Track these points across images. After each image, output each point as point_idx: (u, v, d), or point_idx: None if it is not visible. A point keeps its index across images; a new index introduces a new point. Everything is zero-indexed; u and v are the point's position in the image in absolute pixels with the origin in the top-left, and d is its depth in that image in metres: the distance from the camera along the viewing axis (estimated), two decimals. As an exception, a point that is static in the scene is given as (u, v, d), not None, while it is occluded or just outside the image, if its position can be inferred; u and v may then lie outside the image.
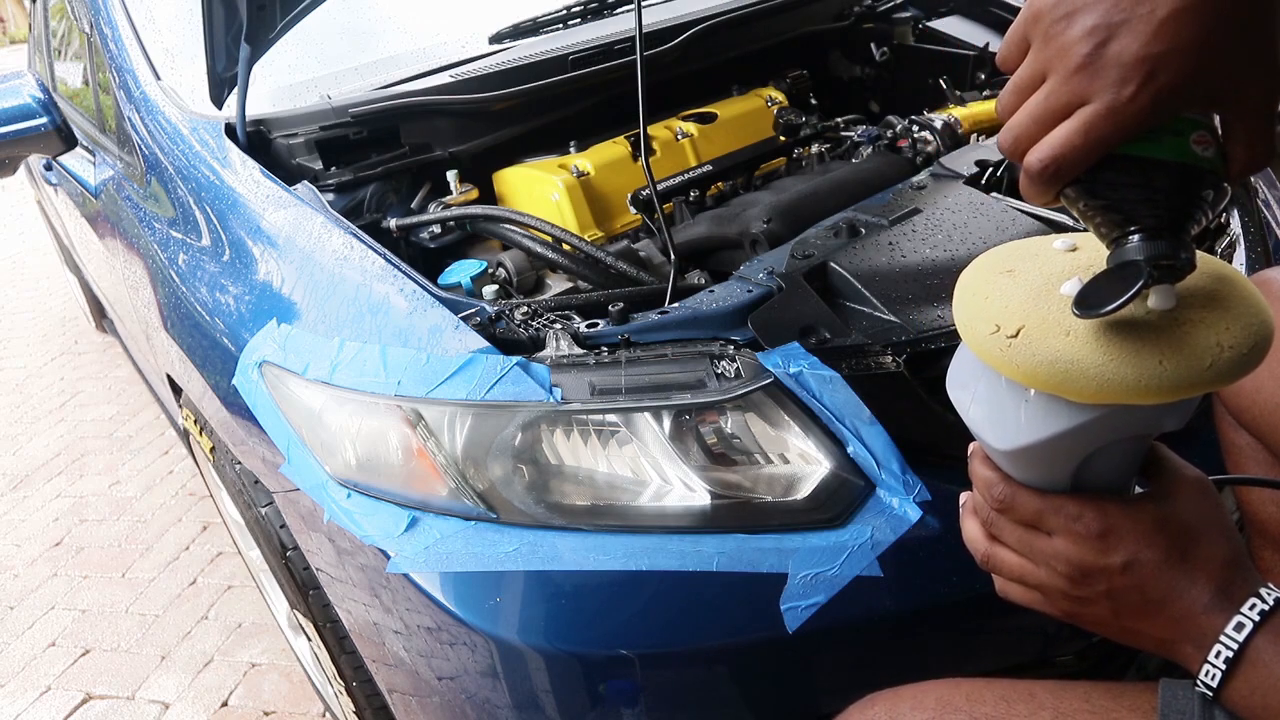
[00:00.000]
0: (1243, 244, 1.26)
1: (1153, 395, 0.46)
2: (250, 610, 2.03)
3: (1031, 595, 0.57)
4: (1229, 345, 0.45)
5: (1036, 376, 0.48)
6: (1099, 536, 0.52)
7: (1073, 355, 0.47)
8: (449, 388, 0.91)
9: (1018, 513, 0.55)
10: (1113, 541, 0.52)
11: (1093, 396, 0.47)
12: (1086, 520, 0.52)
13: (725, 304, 0.95)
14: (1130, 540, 0.52)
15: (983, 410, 0.55)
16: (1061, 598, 0.55)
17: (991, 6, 1.77)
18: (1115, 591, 0.53)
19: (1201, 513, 0.53)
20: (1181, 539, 0.52)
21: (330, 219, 1.13)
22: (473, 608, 0.88)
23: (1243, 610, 0.50)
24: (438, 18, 1.74)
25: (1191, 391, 0.46)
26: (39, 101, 1.69)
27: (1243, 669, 0.49)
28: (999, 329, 0.49)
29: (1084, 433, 0.50)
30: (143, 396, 3.15)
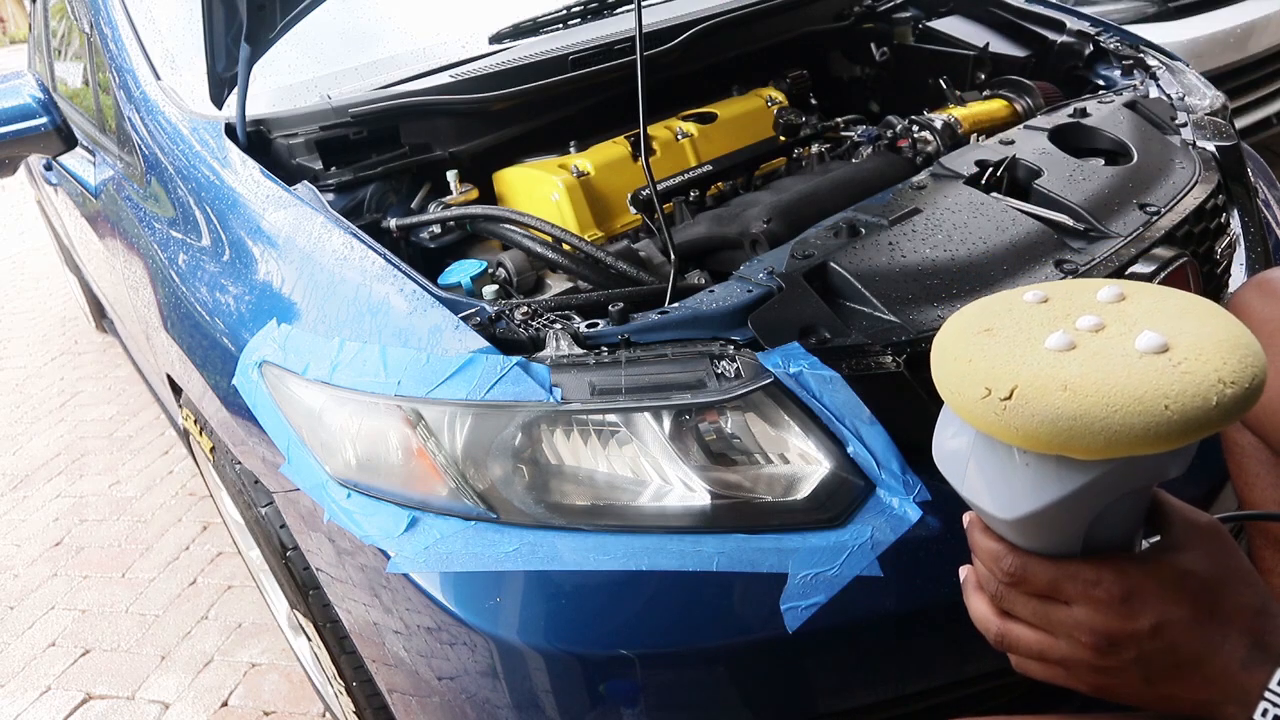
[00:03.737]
0: (1243, 244, 1.26)
1: (1162, 443, 0.44)
2: (250, 610, 2.03)
3: (1054, 671, 0.54)
4: (1230, 381, 0.45)
5: (1039, 438, 0.46)
6: (1122, 601, 0.49)
7: (1075, 411, 0.45)
8: (449, 388, 0.91)
9: (1030, 584, 0.52)
10: (1137, 605, 0.49)
11: (1100, 452, 0.45)
12: (1106, 585, 0.50)
13: (725, 304, 0.95)
14: (1155, 601, 0.49)
15: (980, 479, 0.52)
16: (1088, 671, 0.52)
17: (991, 6, 1.77)
18: (1145, 657, 0.50)
19: (1221, 561, 0.51)
20: (1208, 593, 0.50)
21: (330, 219, 1.13)
22: (473, 608, 0.88)
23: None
24: (438, 18, 1.74)
25: (1200, 434, 0.44)
26: (39, 101, 1.69)
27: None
28: (990, 392, 0.47)
29: (1092, 491, 0.48)
30: (143, 396, 3.15)
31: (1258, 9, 2.77)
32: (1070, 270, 1.00)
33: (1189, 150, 1.29)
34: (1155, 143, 1.28)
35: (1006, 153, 1.21)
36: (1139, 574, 0.50)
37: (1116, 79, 1.58)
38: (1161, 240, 1.06)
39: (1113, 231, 1.07)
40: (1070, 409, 0.45)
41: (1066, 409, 0.45)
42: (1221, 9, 2.78)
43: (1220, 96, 1.47)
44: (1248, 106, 2.85)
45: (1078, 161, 1.21)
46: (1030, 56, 1.66)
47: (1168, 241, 1.07)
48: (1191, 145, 1.31)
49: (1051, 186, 1.14)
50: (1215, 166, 1.26)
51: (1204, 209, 1.16)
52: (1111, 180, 1.17)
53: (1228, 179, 1.29)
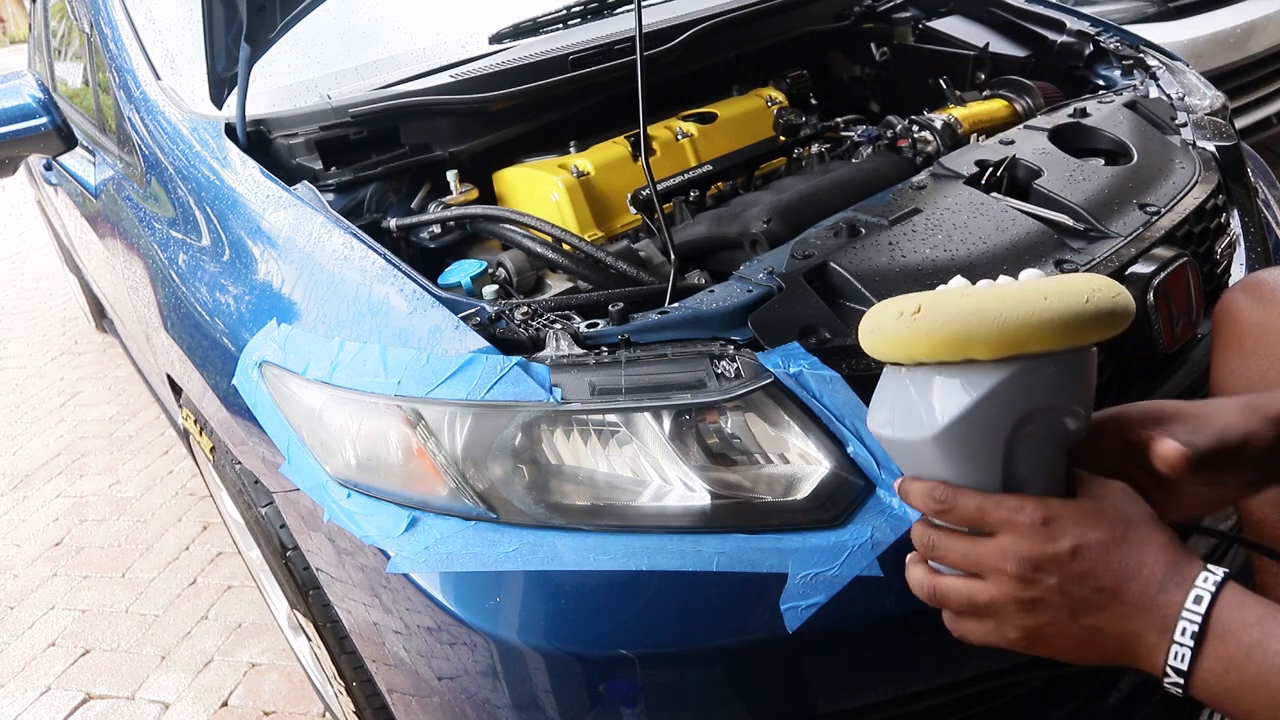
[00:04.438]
0: (1243, 244, 1.27)
1: (1046, 334, 0.52)
2: (250, 610, 2.03)
3: (985, 626, 0.57)
4: (1098, 289, 0.54)
5: (944, 339, 0.53)
6: (1042, 523, 0.53)
7: (972, 308, 0.53)
8: (449, 388, 0.91)
9: (959, 512, 0.56)
10: (1056, 528, 0.53)
11: (995, 345, 0.53)
12: (1028, 509, 0.54)
13: (725, 304, 0.95)
14: (1073, 524, 0.53)
15: (901, 418, 0.58)
16: (1017, 611, 0.54)
17: (991, 6, 1.77)
18: (1067, 583, 0.53)
19: (1133, 505, 0.55)
20: (1122, 522, 0.53)
21: (330, 219, 1.13)
22: (473, 608, 0.88)
23: (1197, 583, 0.50)
24: (438, 18, 1.74)
25: (1078, 333, 0.53)
26: (39, 101, 1.68)
27: (1210, 644, 0.49)
28: (901, 313, 0.56)
29: (997, 398, 0.54)
30: (143, 396, 3.15)
31: (1258, 9, 2.77)
32: (1070, 270, 1.00)
33: (1189, 150, 1.29)
34: (1155, 143, 1.28)
35: (1006, 153, 1.21)
36: (1057, 504, 0.54)
37: (1116, 79, 1.58)
38: (1161, 240, 1.06)
39: (1113, 231, 1.07)
40: (967, 307, 0.53)
41: (965, 307, 0.54)
42: (1221, 9, 2.78)
43: (1220, 96, 1.47)
44: (1248, 106, 2.85)
45: (1078, 161, 1.21)
46: (1030, 56, 1.66)
47: (1168, 241, 1.07)
48: (1191, 145, 1.31)
49: (1051, 186, 1.14)
50: (1215, 166, 1.26)
51: (1204, 209, 1.16)
52: (1111, 180, 1.17)
53: (1228, 179, 1.29)
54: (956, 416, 0.55)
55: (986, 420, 0.55)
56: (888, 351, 0.58)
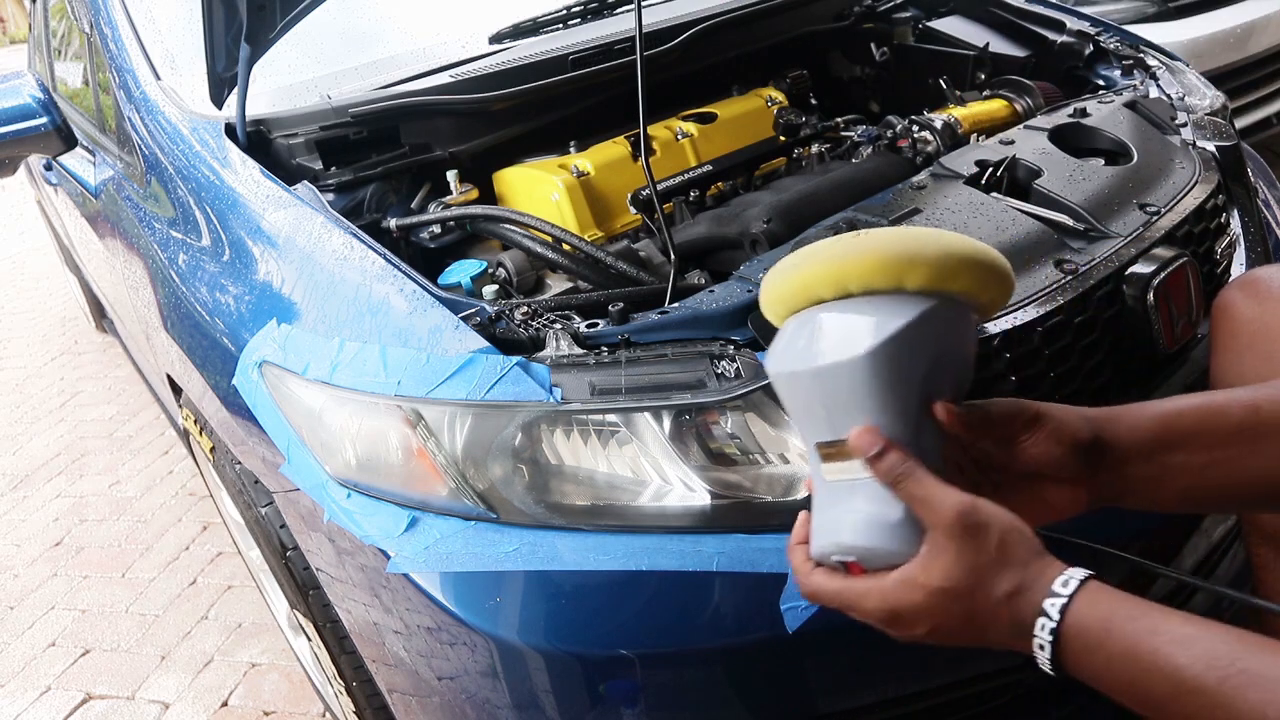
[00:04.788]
0: (1243, 244, 1.26)
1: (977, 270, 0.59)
2: (250, 610, 2.03)
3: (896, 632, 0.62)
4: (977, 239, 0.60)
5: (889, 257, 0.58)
6: (892, 619, 0.58)
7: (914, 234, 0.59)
8: (449, 388, 0.91)
9: (822, 600, 0.62)
10: (906, 620, 0.58)
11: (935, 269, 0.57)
12: (874, 612, 0.59)
13: (725, 304, 0.95)
14: (921, 615, 0.57)
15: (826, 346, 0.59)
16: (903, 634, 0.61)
17: (991, 6, 1.77)
18: (941, 640, 0.58)
19: (974, 559, 0.56)
20: (967, 597, 0.56)
21: (330, 219, 1.13)
22: (473, 608, 0.88)
23: (1036, 634, 0.55)
24: (438, 18, 1.74)
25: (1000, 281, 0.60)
26: (39, 101, 1.68)
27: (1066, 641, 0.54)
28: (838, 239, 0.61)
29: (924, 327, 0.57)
30: (143, 396, 3.15)
31: (1258, 9, 2.77)
32: (1070, 270, 1.00)
33: (1189, 150, 1.29)
34: (1155, 143, 1.28)
35: (1006, 153, 1.21)
36: (898, 601, 0.58)
37: (1116, 79, 1.58)
38: (1161, 240, 1.06)
39: (1113, 231, 1.07)
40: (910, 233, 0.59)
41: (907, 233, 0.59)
42: (1221, 9, 2.78)
43: (1220, 96, 1.47)
44: (1248, 106, 2.85)
45: (1078, 161, 1.21)
46: (1030, 56, 1.66)
47: (1168, 241, 1.07)
48: (1191, 145, 1.31)
49: (1051, 186, 1.14)
50: (1215, 166, 1.26)
51: (1204, 209, 1.16)
52: (1111, 180, 1.17)
53: (1228, 179, 1.29)
54: (891, 334, 0.56)
55: (913, 348, 0.57)
56: (812, 283, 0.60)
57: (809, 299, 0.62)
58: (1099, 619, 0.54)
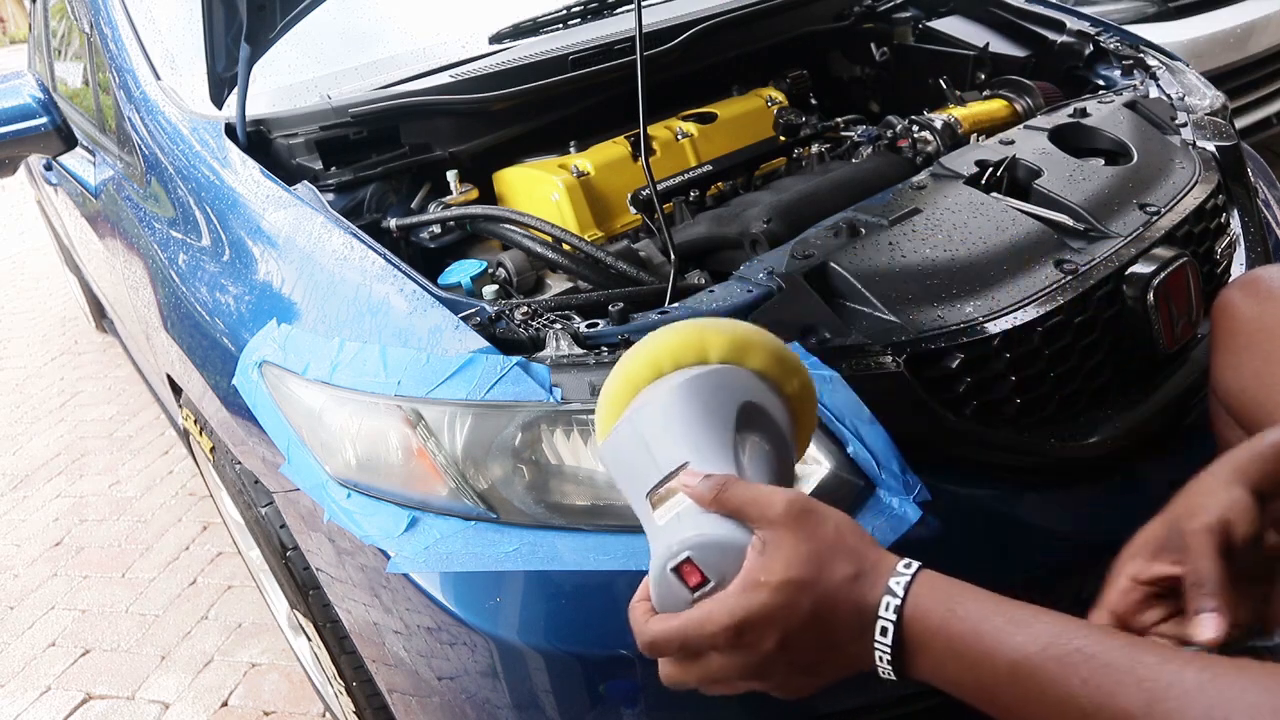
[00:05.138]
0: (1243, 244, 1.26)
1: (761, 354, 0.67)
2: (250, 610, 2.03)
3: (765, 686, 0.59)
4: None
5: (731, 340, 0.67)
6: (739, 635, 0.55)
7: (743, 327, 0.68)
8: (449, 388, 0.91)
9: (664, 646, 0.58)
10: (752, 635, 0.55)
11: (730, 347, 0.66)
12: (718, 636, 0.55)
13: (725, 304, 0.95)
14: (767, 626, 0.55)
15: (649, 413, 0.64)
16: (762, 686, 0.58)
17: (991, 6, 1.77)
18: (790, 660, 0.56)
19: (810, 549, 0.55)
20: (809, 590, 0.55)
21: (330, 219, 1.13)
22: (473, 608, 0.88)
23: (881, 616, 0.54)
24: (438, 18, 1.74)
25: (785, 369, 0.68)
26: (39, 101, 1.69)
27: (910, 647, 0.54)
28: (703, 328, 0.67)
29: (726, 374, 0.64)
30: (143, 396, 3.15)
31: (1258, 9, 2.77)
32: (1070, 270, 1.00)
33: (1189, 150, 1.29)
34: (1155, 143, 1.28)
35: (1006, 153, 1.21)
36: (742, 610, 0.55)
37: (1116, 79, 1.58)
38: (1161, 240, 1.06)
39: (1113, 231, 1.07)
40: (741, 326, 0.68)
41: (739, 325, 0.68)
42: (1221, 9, 2.78)
43: (1220, 96, 1.47)
44: (1248, 106, 2.85)
45: (1078, 161, 1.21)
46: (1030, 56, 1.66)
47: (1168, 241, 1.07)
48: (1191, 145, 1.31)
49: (1051, 186, 1.14)
50: (1215, 166, 1.26)
51: (1204, 209, 1.16)
52: (1111, 180, 1.17)
53: (1228, 179, 1.29)
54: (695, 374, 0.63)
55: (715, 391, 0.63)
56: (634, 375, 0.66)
57: (634, 390, 0.66)
58: (939, 601, 0.54)
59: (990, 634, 0.52)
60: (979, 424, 0.94)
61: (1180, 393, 1.03)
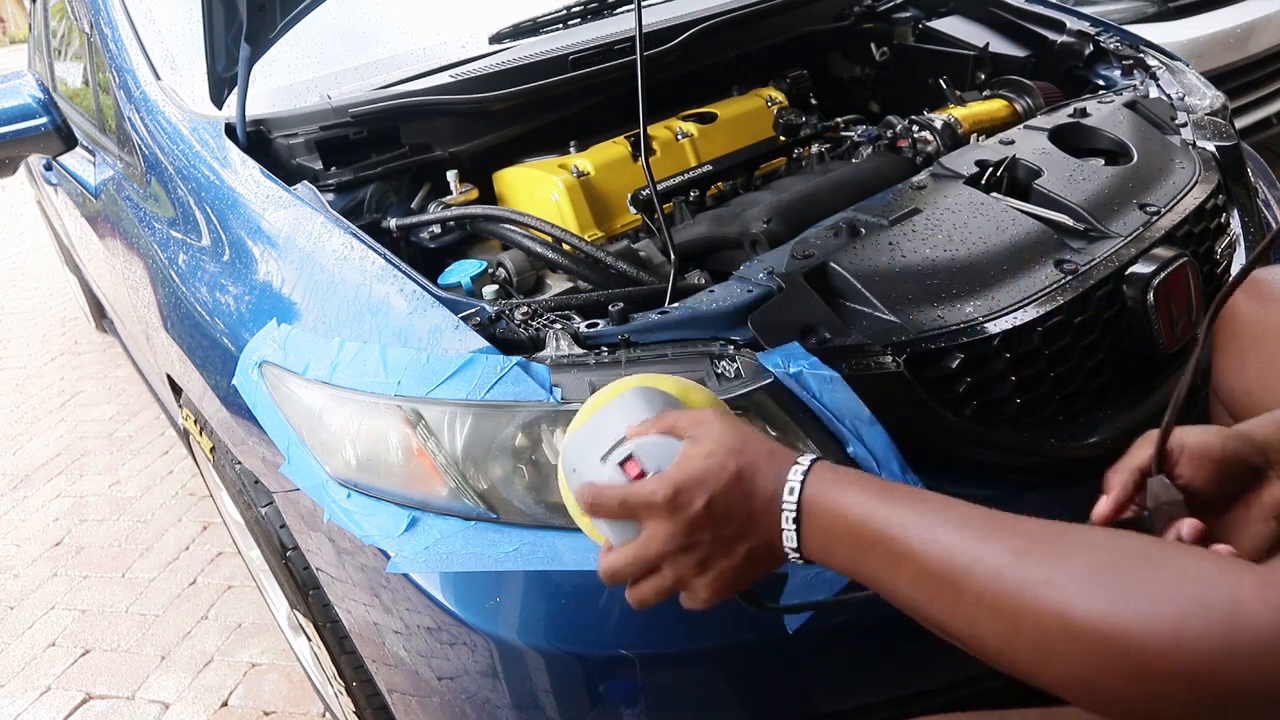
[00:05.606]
0: (1243, 244, 1.27)
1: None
2: (250, 610, 2.03)
3: (688, 598, 0.65)
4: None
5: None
6: (675, 495, 0.61)
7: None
8: (449, 388, 0.91)
9: (606, 505, 0.64)
10: (685, 495, 0.61)
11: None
12: (659, 490, 0.62)
13: (725, 304, 0.95)
14: (697, 484, 0.61)
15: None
16: (694, 577, 0.63)
17: (991, 6, 1.77)
18: (716, 531, 0.62)
19: (728, 432, 0.64)
20: (731, 459, 0.62)
21: (330, 219, 1.13)
22: (473, 608, 0.88)
23: (789, 478, 0.62)
24: (438, 18, 1.74)
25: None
26: (39, 101, 1.68)
27: (807, 522, 0.60)
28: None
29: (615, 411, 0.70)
30: (143, 396, 3.15)
31: (1258, 9, 2.77)
32: (1070, 270, 1.00)
33: (1189, 150, 1.29)
34: (1155, 143, 1.28)
35: (1006, 153, 1.21)
36: (676, 474, 0.62)
37: (1116, 79, 1.58)
38: (1161, 240, 1.06)
39: (1113, 231, 1.07)
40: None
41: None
42: (1221, 9, 2.78)
43: (1220, 96, 1.47)
44: (1248, 106, 2.85)
45: (1078, 161, 1.21)
46: (1030, 56, 1.66)
47: (1168, 241, 1.07)
48: (1191, 145, 1.31)
49: (1051, 186, 1.14)
50: (1215, 166, 1.26)
51: (1204, 209, 1.16)
52: (1111, 180, 1.17)
53: (1228, 179, 1.29)
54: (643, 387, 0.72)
55: (657, 394, 0.71)
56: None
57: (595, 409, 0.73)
58: (835, 476, 0.61)
59: (866, 513, 0.58)
60: (979, 424, 0.94)
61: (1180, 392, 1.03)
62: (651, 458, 0.65)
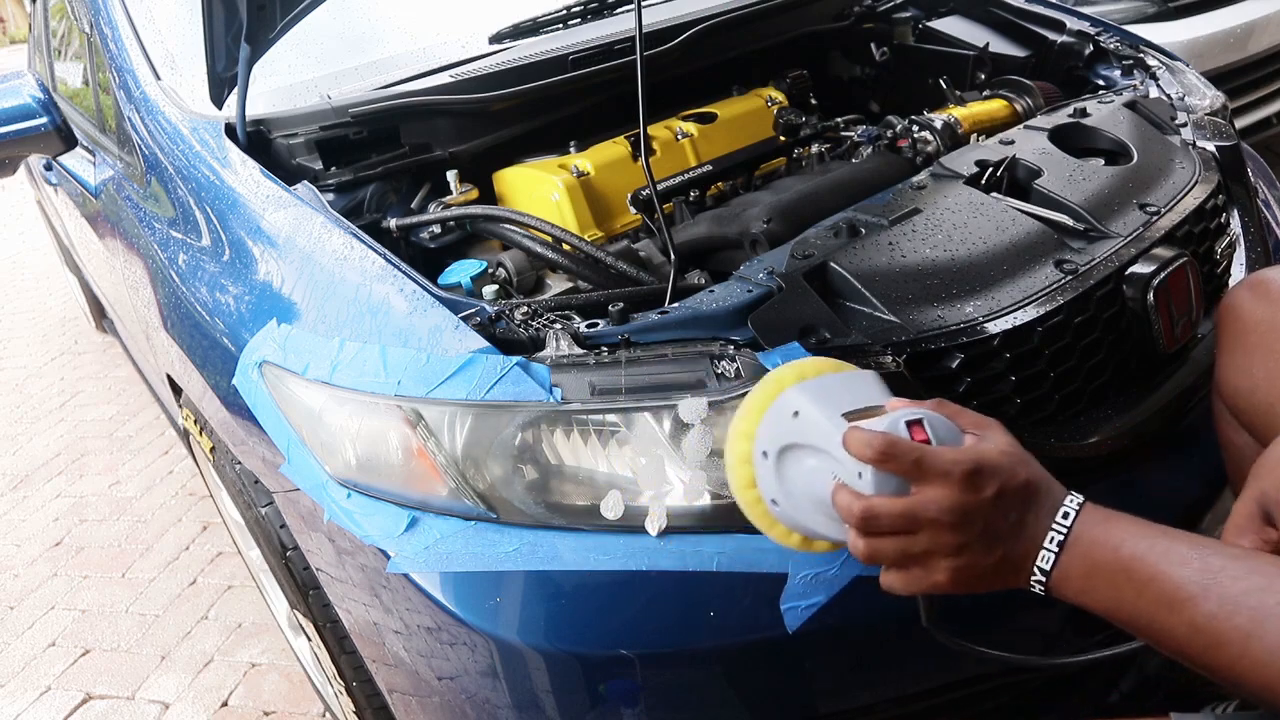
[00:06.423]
0: (1243, 244, 1.27)
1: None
2: (250, 610, 2.03)
3: (913, 575, 0.64)
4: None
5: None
6: (974, 473, 0.61)
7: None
8: (449, 388, 0.91)
9: (901, 459, 0.62)
10: (981, 478, 0.61)
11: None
12: (962, 462, 0.61)
13: (725, 304, 0.95)
14: (994, 471, 0.61)
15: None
16: (945, 557, 0.62)
17: (991, 6, 1.77)
18: (991, 523, 0.61)
19: (1013, 440, 0.65)
20: (1022, 461, 0.63)
21: (330, 219, 1.13)
22: (473, 608, 0.88)
23: (1064, 504, 0.62)
24: (438, 18, 1.74)
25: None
26: (39, 101, 1.68)
27: (1070, 551, 0.60)
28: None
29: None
30: (143, 396, 3.15)
31: (1258, 9, 2.77)
32: (1070, 270, 1.00)
33: (1189, 150, 1.29)
34: (1155, 143, 1.28)
35: (1006, 153, 1.21)
36: (978, 454, 0.62)
37: (1116, 79, 1.58)
38: (1161, 240, 1.06)
39: (1113, 231, 1.07)
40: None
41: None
42: (1221, 9, 2.78)
43: (1220, 96, 1.47)
44: (1248, 106, 2.85)
45: (1078, 161, 1.21)
46: (1030, 56, 1.66)
47: (1168, 241, 1.07)
48: (1191, 145, 1.31)
49: (1051, 186, 1.14)
50: (1215, 166, 1.26)
51: (1204, 209, 1.16)
52: (1111, 180, 1.17)
53: (1228, 179, 1.29)
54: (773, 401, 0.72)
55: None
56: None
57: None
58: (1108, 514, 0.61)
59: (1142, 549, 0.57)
60: (979, 424, 0.94)
61: (1180, 392, 1.03)
62: (938, 433, 0.64)
